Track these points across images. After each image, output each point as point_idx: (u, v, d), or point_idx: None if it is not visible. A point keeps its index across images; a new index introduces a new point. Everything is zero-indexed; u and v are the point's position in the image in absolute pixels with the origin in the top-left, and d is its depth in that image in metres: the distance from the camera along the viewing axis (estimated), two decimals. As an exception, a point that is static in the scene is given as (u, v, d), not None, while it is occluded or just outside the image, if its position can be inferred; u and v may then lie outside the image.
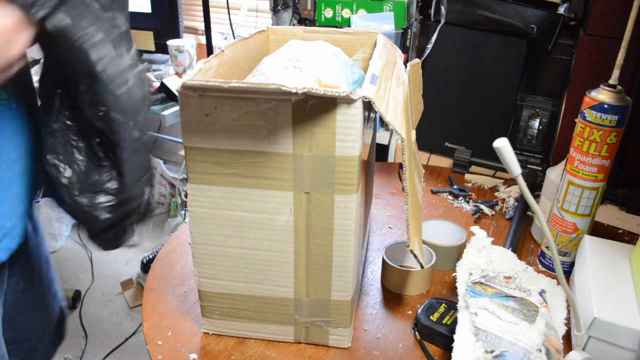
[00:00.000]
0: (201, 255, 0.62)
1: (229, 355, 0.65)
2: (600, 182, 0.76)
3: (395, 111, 0.56)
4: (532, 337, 0.59)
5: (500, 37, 1.15)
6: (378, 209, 1.01)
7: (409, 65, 0.76)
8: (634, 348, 0.60)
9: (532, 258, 0.88)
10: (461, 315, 0.63)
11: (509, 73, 1.17)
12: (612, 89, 0.71)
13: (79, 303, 1.95)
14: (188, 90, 0.53)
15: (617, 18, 0.98)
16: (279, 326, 0.66)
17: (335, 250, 0.59)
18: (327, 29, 0.83)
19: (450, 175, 1.16)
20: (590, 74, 1.04)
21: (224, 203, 0.59)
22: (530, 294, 0.67)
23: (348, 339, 0.66)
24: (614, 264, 0.71)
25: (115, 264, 2.19)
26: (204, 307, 0.66)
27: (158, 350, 0.65)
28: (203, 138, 0.55)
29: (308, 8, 1.45)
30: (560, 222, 0.80)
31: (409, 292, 0.77)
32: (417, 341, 0.68)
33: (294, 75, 0.63)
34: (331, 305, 0.63)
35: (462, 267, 0.72)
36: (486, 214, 1.00)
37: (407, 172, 0.56)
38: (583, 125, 0.74)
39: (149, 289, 0.77)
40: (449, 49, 1.21)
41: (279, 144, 0.54)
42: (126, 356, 1.74)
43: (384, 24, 1.33)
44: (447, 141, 1.28)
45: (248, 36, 0.76)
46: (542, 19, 1.10)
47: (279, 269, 0.61)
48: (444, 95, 1.25)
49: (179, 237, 0.90)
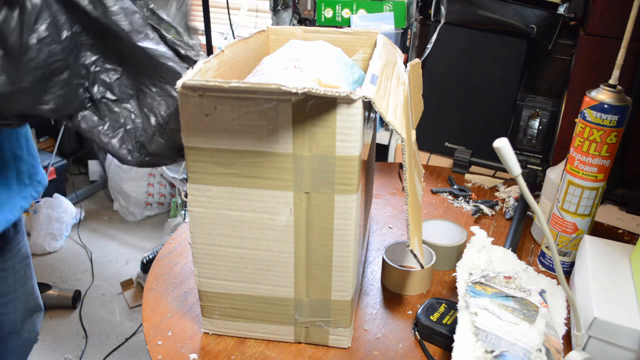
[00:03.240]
0: (201, 255, 0.62)
1: (229, 355, 0.65)
2: (600, 182, 0.76)
3: (395, 111, 0.56)
4: (532, 337, 0.59)
5: (500, 37, 1.15)
6: (378, 209, 1.01)
7: (409, 65, 0.76)
8: (634, 348, 0.60)
9: (532, 258, 0.88)
10: (461, 315, 0.63)
11: (509, 73, 1.17)
12: (612, 89, 0.71)
13: (79, 303, 1.95)
14: (188, 90, 0.53)
15: (617, 18, 0.98)
16: (279, 326, 0.66)
17: (335, 250, 0.59)
18: (327, 29, 0.83)
19: (450, 175, 1.16)
20: (590, 74, 1.04)
21: (224, 203, 0.59)
22: (530, 294, 0.67)
23: (348, 339, 0.66)
24: (614, 264, 0.71)
25: (115, 264, 2.19)
26: (204, 307, 0.66)
27: (158, 350, 0.65)
28: (203, 138, 0.55)
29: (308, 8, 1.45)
30: (560, 222, 0.80)
31: (409, 292, 0.77)
32: (417, 341, 0.68)
33: (294, 75, 0.63)
34: (331, 305, 0.63)
35: (462, 267, 0.72)
36: (486, 214, 1.00)
37: (407, 172, 0.56)
38: (583, 125, 0.74)
39: (149, 289, 0.77)
40: (449, 49, 1.21)
41: (279, 144, 0.54)
42: (126, 356, 1.74)
43: (384, 24, 1.33)
44: (447, 141, 1.28)
45: (248, 36, 0.76)
46: (542, 19, 1.10)
47: (279, 269, 0.61)
48: (444, 95, 1.25)
49: (179, 237, 0.90)
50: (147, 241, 2.35)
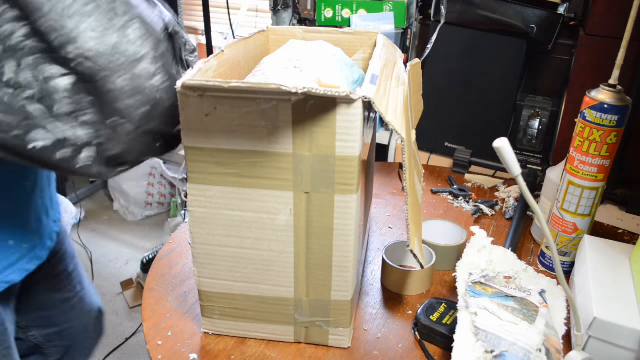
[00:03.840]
0: (201, 255, 0.62)
1: (229, 355, 0.65)
2: (600, 182, 0.76)
3: (395, 111, 0.56)
4: (532, 337, 0.59)
5: (500, 37, 1.15)
6: (378, 209, 1.01)
7: (409, 65, 0.76)
8: (634, 348, 0.60)
9: (532, 258, 0.88)
10: (461, 315, 0.63)
11: (509, 73, 1.17)
12: (612, 89, 0.71)
13: (79, 303, 1.95)
14: (188, 90, 0.53)
15: (617, 18, 0.98)
16: (279, 326, 0.66)
17: (335, 250, 0.59)
18: (327, 29, 0.83)
19: (450, 175, 1.16)
20: (590, 74, 1.04)
21: (224, 203, 0.59)
22: (530, 294, 0.67)
23: (348, 339, 0.66)
24: (614, 264, 0.71)
25: (115, 264, 2.19)
26: (204, 307, 0.66)
27: (158, 350, 0.65)
28: (203, 138, 0.55)
29: (308, 8, 1.45)
30: (560, 222, 0.80)
31: (409, 292, 0.77)
32: (417, 341, 0.68)
33: (294, 75, 0.63)
34: (331, 305, 0.63)
35: (462, 267, 0.72)
36: (486, 214, 1.00)
37: (407, 172, 0.56)
38: (583, 125, 0.74)
39: (149, 289, 0.77)
40: (449, 49, 1.21)
41: (279, 144, 0.54)
42: (126, 356, 1.74)
43: (384, 24, 1.33)
44: (447, 141, 1.28)
45: (248, 36, 0.76)
46: (542, 19, 1.10)
47: (279, 269, 0.61)
48: (444, 95, 1.25)
49: (179, 237, 0.90)
50: (147, 241, 2.35)
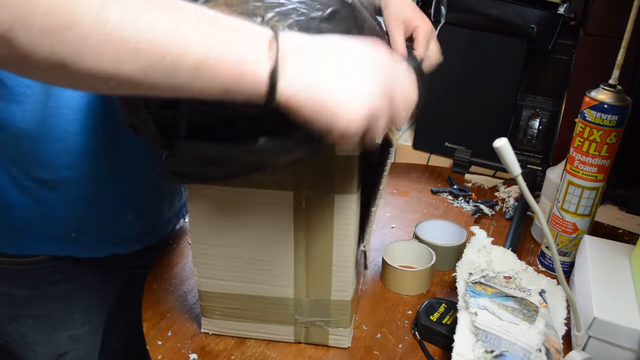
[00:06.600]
0: (201, 255, 0.62)
1: (229, 355, 0.65)
2: (600, 182, 0.75)
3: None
4: (532, 337, 0.59)
5: (500, 37, 1.15)
6: (378, 208, 1.01)
7: (409, 65, 0.76)
8: (634, 348, 0.60)
9: (532, 258, 0.88)
10: (461, 315, 0.63)
11: (509, 73, 1.17)
12: (612, 89, 0.71)
13: (79, 303, 1.95)
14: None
15: (617, 18, 0.98)
16: (279, 326, 0.66)
17: (335, 250, 0.59)
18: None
19: (450, 175, 1.16)
20: (590, 74, 1.04)
21: (224, 203, 0.59)
22: (530, 294, 0.67)
23: (348, 339, 0.66)
24: (614, 264, 0.71)
25: (115, 264, 2.19)
26: (204, 307, 0.66)
27: (158, 350, 0.65)
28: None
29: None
30: (560, 222, 0.80)
31: (409, 292, 0.77)
32: (417, 341, 0.68)
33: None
34: (331, 305, 0.63)
35: (462, 267, 0.72)
36: (486, 214, 1.00)
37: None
38: (583, 125, 0.74)
39: (149, 289, 0.77)
40: (449, 49, 1.20)
41: (279, 144, 0.54)
42: (126, 356, 1.74)
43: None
44: (447, 141, 1.28)
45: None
46: (542, 19, 1.10)
47: (279, 269, 0.61)
48: (444, 95, 1.25)
49: (179, 237, 0.90)
50: (147, 241, 2.34)
